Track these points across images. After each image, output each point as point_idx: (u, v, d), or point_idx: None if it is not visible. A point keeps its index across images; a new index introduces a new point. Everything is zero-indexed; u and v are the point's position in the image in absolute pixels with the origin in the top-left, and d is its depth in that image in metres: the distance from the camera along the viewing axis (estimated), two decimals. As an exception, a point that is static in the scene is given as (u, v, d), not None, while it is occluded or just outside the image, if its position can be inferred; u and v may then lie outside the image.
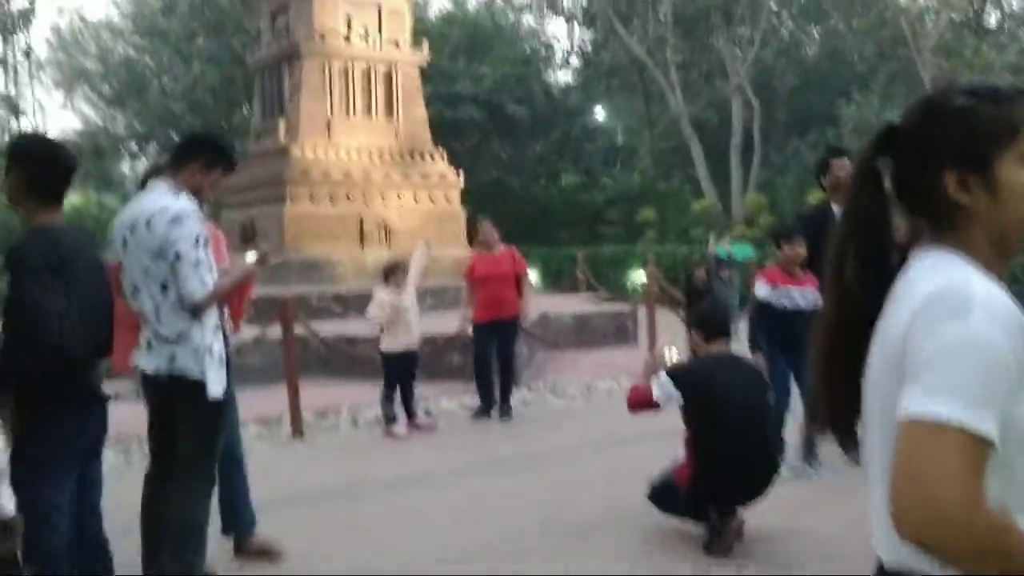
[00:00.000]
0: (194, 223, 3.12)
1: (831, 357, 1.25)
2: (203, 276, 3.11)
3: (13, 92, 32.60)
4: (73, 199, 33.51)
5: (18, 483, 2.57)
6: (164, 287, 3.10)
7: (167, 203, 3.12)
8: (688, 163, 25.25)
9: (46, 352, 2.80)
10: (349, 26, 13.93)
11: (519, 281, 7.30)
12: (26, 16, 20.94)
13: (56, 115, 40.26)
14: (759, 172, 23.59)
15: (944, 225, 1.18)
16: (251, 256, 3.57)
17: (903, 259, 1.21)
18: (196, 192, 3.29)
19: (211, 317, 3.21)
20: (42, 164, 3.00)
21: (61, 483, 2.93)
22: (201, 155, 3.32)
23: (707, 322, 4.21)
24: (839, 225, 1.25)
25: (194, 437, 3.19)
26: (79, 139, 37.42)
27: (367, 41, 14.05)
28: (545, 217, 25.44)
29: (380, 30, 14.16)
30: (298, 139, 13.34)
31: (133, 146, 31.29)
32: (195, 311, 3.12)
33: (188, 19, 26.45)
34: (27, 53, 21.94)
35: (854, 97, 21.60)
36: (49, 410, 2.91)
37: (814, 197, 12.17)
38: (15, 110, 30.60)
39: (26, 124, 38.94)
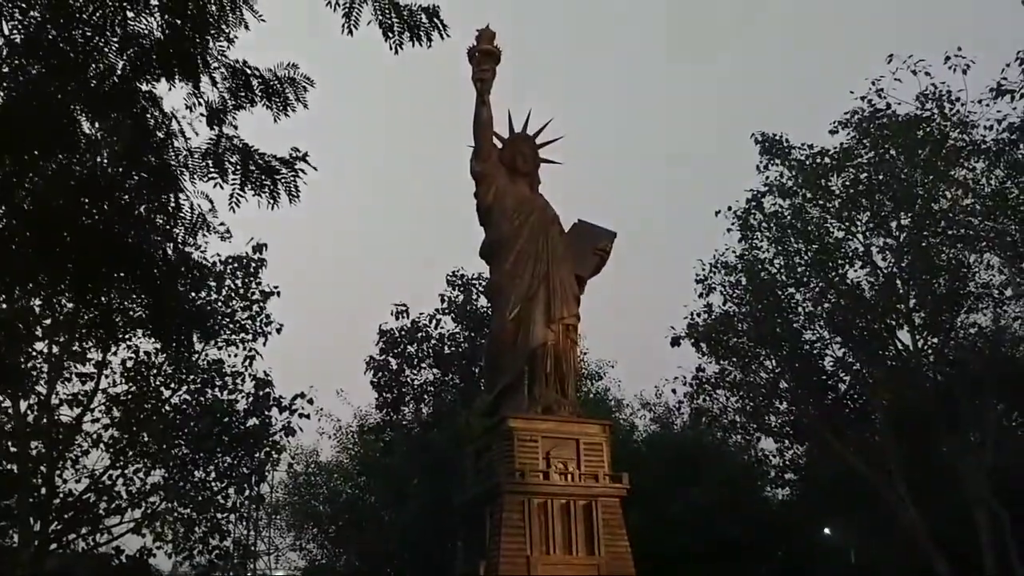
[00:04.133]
0: None
1: None
2: None
3: (251, 536, 34.92)
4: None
5: None
6: None
7: None
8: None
9: None
10: (548, 461, 14.03)
11: None
12: (261, 469, 22.89)
13: (286, 556, 42.16)
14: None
15: None
16: None
17: None
18: None
19: None
20: None
21: None
22: None
23: None
24: None
25: None
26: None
27: (567, 476, 14.01)
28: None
29: (579, 464, 14.14)
30: (498, 582, 12.89)
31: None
32: None
33: (407, 459, 28.00)
34: (257, 503, 23.60)
35: None
36: None
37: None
38: (250, 554, 32.43)
39: (261, 565, 41.18)
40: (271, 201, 7.46)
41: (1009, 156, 21.87)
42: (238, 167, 7.42)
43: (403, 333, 28.72)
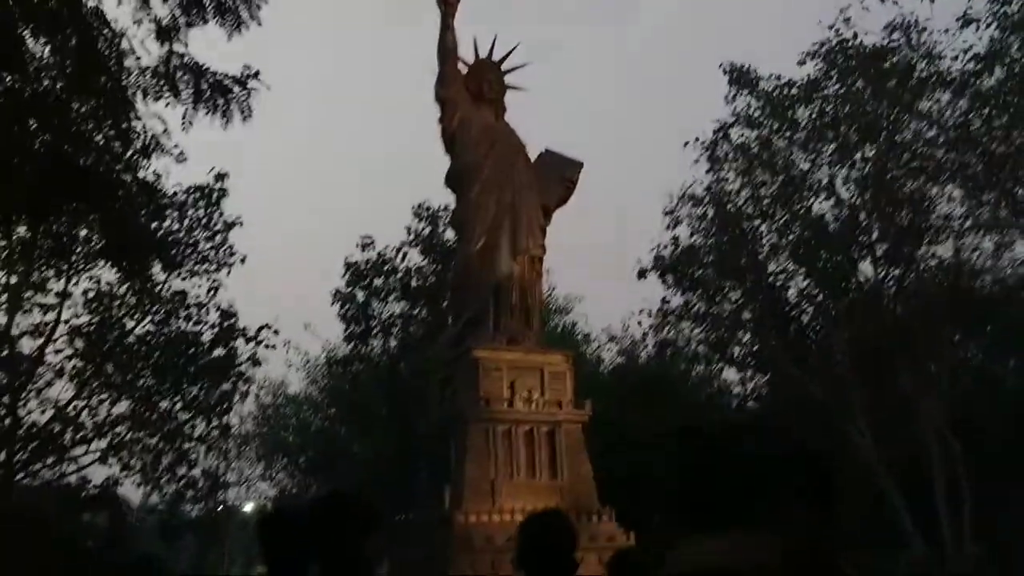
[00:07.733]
0: None
1: None
2: None
3: (220, 466, 35.09)
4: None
5: None
6: None
7: None
8: (891, 511, 23.03)
9: None
10: (513, 390, 14.18)
11: None
12: (228, 397, 22.92)
13: (256, 486, 42.48)
14: (972, 522, 21.09)
15: None
16: None
17: None
18: None
19: None
20: None
21: None
22: None
23: None
24: None
25: None
26: (272, 505, 39.16)
27: (530, 404, 14.19)
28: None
29: (543, 392, 14.33)
30: (462, 506, 13.12)
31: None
32: None
33: (374, 391, 28.14)
34: (225, 431, 23.70)
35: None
36: None
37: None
38: (219, 483, 32.67)
39: (231, 495, 41.51)
40: (224, 120, 7.32)
41: (973, 88, 21.92)
42: (190, 85, 7.24)
43: (369, 266, 28.59)
